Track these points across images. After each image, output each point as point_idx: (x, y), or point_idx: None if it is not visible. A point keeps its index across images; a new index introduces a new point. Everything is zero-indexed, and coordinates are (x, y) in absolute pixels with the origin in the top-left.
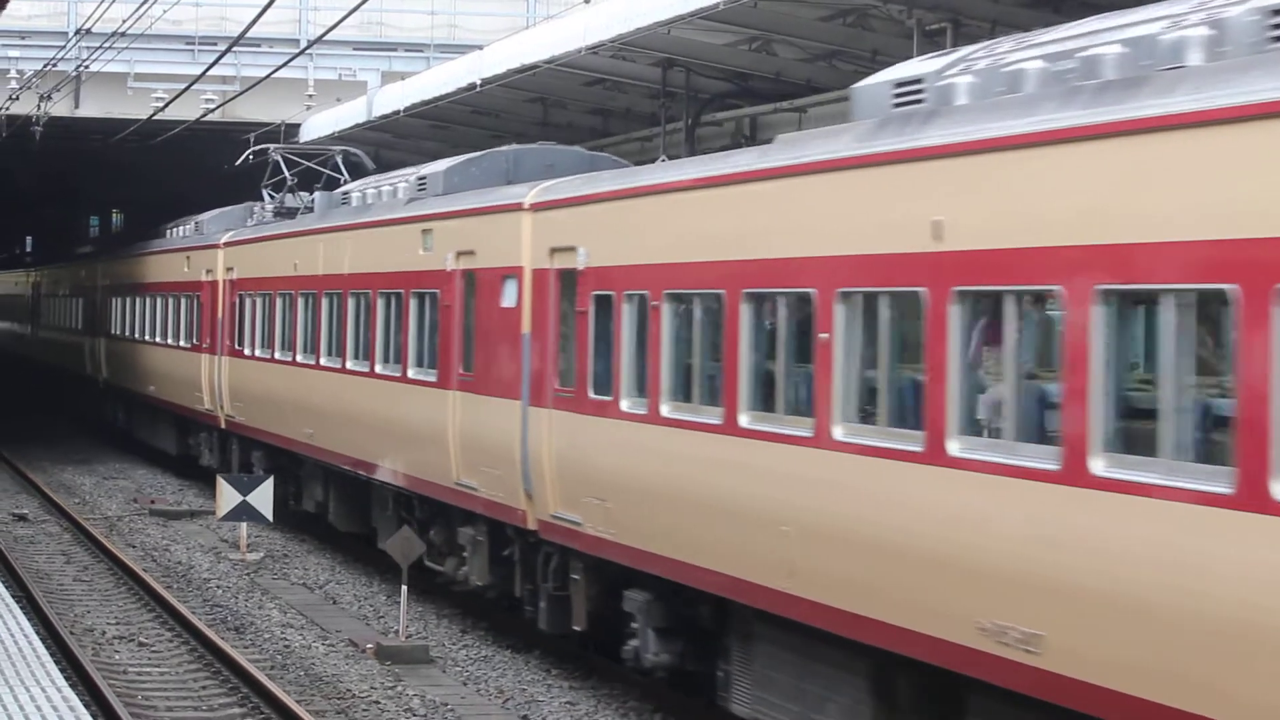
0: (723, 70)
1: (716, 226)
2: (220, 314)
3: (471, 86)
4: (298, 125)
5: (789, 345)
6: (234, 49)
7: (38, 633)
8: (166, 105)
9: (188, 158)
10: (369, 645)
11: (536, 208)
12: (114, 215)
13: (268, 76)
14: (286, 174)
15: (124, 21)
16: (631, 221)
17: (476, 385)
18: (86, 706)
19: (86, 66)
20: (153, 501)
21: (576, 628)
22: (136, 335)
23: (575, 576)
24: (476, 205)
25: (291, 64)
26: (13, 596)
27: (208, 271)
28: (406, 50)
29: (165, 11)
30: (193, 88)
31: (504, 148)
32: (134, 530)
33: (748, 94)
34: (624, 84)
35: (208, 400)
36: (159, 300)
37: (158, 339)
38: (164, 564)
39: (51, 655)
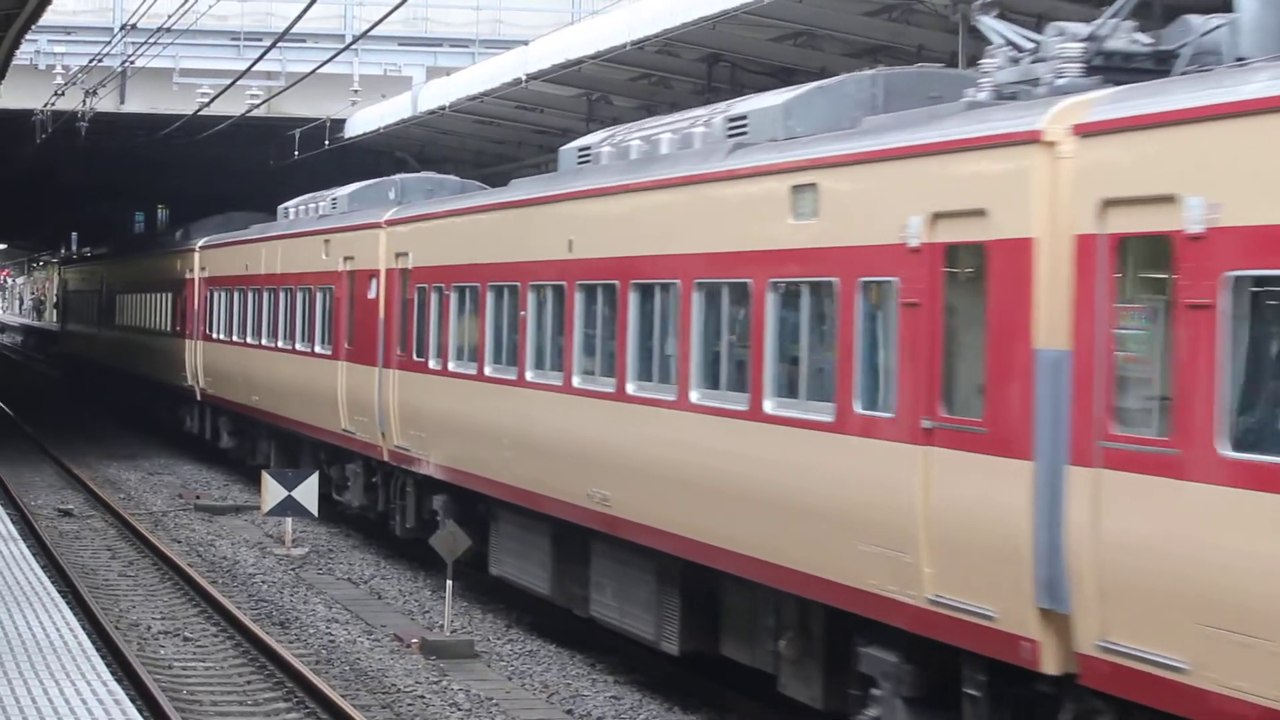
0: (767, 65)
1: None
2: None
3: (517, 81)
4: (343, 121)
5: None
6: (279, 44)
7: (83, 628)
8: (211, 101)
9: (233, 153)
10: (414, 640)
11: None
12: (159, 210)
13: (313, 72)
14: None
15: (169, 17)
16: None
17: None
18: (132, 701)
19: (132, 62)
20: (198, 496)
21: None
22: (513, 371)
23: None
24: None
25: (336, 59)
26: (58, 591)
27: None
28: (452, 45)
29: (210, 7)
30: (238, 83)
31: None
32: (179, 525)
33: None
34: (669, 79)
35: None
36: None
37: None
38: (209, 559)
39: (97, 650)
